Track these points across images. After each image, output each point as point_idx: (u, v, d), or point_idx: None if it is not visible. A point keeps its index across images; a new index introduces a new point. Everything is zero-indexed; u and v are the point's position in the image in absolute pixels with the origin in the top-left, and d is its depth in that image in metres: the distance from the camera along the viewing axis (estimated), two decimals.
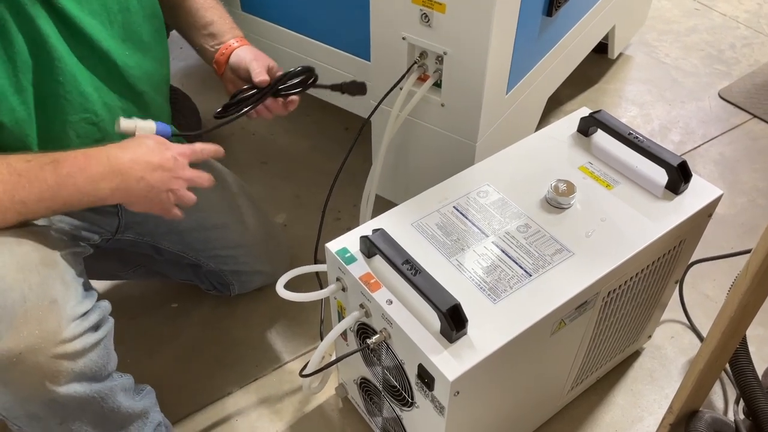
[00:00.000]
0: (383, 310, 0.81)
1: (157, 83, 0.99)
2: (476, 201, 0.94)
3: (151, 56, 0.96)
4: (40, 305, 0.75)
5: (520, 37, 1.14)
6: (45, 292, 0.76)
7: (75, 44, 0.83)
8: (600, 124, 1.02)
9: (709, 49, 2.07)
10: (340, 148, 1.66)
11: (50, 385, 0.77)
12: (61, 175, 0.77)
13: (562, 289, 0.83)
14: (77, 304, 0.80)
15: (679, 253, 1.01)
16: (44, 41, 0.80)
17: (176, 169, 0.85)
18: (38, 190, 0.76)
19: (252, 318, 1.32)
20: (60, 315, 0.77)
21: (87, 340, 0.79)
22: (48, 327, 0.75)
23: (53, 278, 0.78)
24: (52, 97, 0.84)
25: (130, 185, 0.81)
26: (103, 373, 0.84)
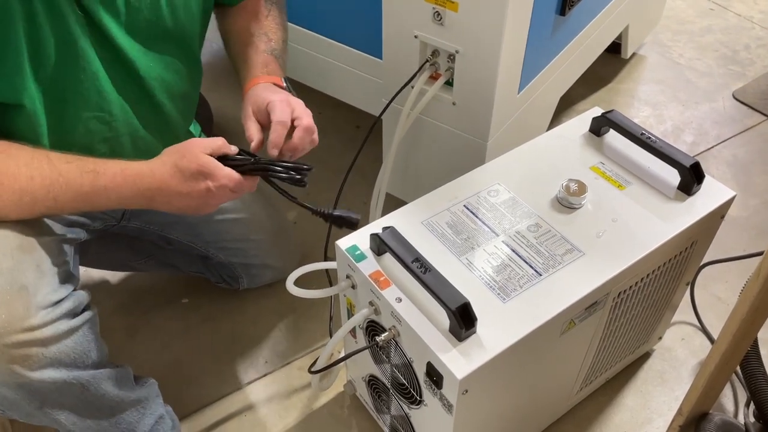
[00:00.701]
0: (392, 307, 0.81)
1: (179, 95, 0.98)
2: (487, 200, 0.94)
3: (176, 71, 0.96)
4: (8, 290, 0.76)
5: (532, 36, 1.13)
6: (15, 277, 0.77)
7: (100, 46, 0.85)
8: (612, 124, 1.01)
9: (723, 49, 2.05)
10: (351, 145, 1.66)
11: (20, 369, 0.77)
12: (98, 186, 0.80)
13: (573, 289, 0.83)
14: (50, 292, 0.80)
15: (690, 254, 1.01)
16: (72, 39, 0.81)
17: (209, 198, 0.83)
18: (73, 193, 0.79)
19: (261, 314, 1.32)
20: (29, 302, 0.77)
21: (60, 327, 0.79)
22: (15, 312, 0.75)
23: (27, 264, 0.79)
24: (70, 91, 0.84)
25: (157, 205, 0.84)
26: (84, 360, 0.84)
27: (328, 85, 1.47)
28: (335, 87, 1.45)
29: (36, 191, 0.77)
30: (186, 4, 0.93)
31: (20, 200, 0.77)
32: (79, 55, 0.82)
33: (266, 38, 1.03)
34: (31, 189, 0.77)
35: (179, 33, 0.94)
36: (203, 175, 0.81)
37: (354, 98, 1.44)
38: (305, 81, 1.51)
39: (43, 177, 0.77)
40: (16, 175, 0.76)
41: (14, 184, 0.76)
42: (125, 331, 1.30)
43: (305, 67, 1.46)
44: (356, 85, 1.38)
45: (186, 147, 0.83)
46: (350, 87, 1.41)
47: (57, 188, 0.78)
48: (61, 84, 0.83)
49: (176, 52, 0.95)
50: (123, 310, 1.33)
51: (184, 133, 1.08)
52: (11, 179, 0.76)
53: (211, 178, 0.82)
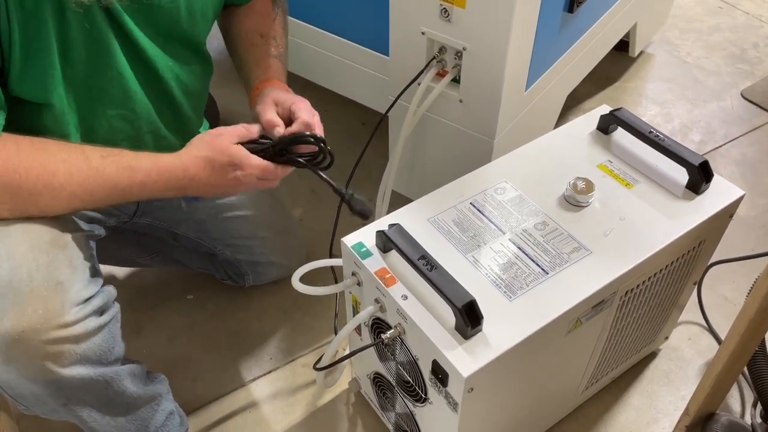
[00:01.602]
0: (398, 305, 0.81)
1: (194, 94, 1.00)
2: (493, 198, 0.94)
3: (190, 71, 0.97)
4: (46, 285, 0.76)
5: (540, 33, 1.13)
6: (52, 273, 0.77)
7: (124, 46, 0.86)
8: (620, 121, 1.01)
9: (732, 48, 2.04)
10: (357, 143, 1.65)
11: (53, 366, 0.77)
12: (135, 182, 0.82)
13: (579, 287, 0.82)
14: (82, 288, 0.80)
15: (698, 253, 1.00)
16: (100, 37, 0.82)
17: (238, 185, 0.88)
18: (109, 188, 0.81)
19: (267, 311, 1.32)
20: (64, 297, 0.77)
21: (90, 324, 0.80)
22: (52, 308, 0.76)
23: (61, 260, 0.79)
24: (97, 89, 0.85)
25: (189, 193, 0.88)
26: (108, 357, 0.84)
27: (334, 82, 1.47)
28: (341, 84, 1.45)
29: (74, 187, 0.78)
30: (204, 9, 0.94)
31: (59, 196, 0.78)
32: (106, 52, 0.83)
33: (275, 43, 1.04)
34: (69, 185, 0.78)
35: (194, 35, 0.95)
36: (233, 166, 0.86)
37: (360, 95, 1.43)
38: (311, 77, 1.50)
39: (81, 173, 0.78)
40: (54, 171, 0.77)
41: (53, 180, 0.77)
42: (131, 326, 1.30)
43: (311, 63, 1.46)
44: (362, 82, 1.38)
45: (216, 140, 0.86)
46: (356, 84, 1.41)
47: (94, 184, 0.79)
48: (88, 82, 0.84)
49: (191, 53, 0.96)
50: (129, 305, 1.33)
51: (198, 130, 1.08)
52: (50, 176, 0.77)
53: (240, 167, 0.86)
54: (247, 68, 1.02)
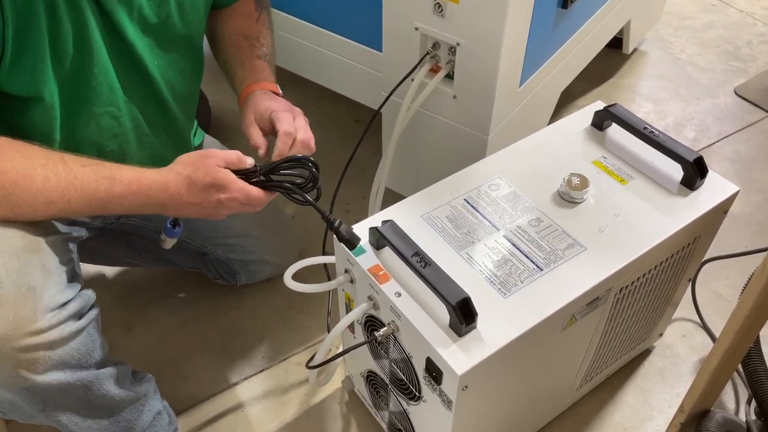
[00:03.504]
0: (392, 302, 0.80)
1: (182, 96, 0.99)
2: (487, 194, 0.93)
3: (181, 71, 0.96)
4: (16, 291, 0.74)
5: (534, 28, 1.12)
6: (23, 278, 0.75)
7: (112, 41, 0.84)
8: (615, 117, 1.00)
9: (725, 45, 2.04)
10: (350, 139, 1.65)
11: (26, 373, 0.76)
12: (114, 194, 0.80)
13: (574, 284, 0.82)
14: (57, 293, 0.78)
15: (693, 250, 1.00)
16: (87, 32, 0.81)
17: (219, 208, 0.85)
18: (87, 197, 0.78)
19: (259, 309, 1.31)
20: (36, 303, 0.75)
21: (66, 329, 0.78)
22: (22, 314, 0.74)
23: (34, 264, 0.77)
24: (84, 85, 0.84)
25: (168, 213, 0.86)
26: (88, 361, 0.83)
27: (327, 78, 1.46)
28: (334, 80, 1.44)
29: (51, 193, 0.76)
30: (194, 5, 0.93)
31: (34, 201, 0.76)
32: (93, 48, 0.82)
33: (258, 43, 1.03)
34: (46, 190, 0.76)
35: (186, 33, 0.94)
36: (216, 188, 0.83)
37: (353, 91, 1.42)
38: (304, 74, 1.49)
39: (59, 179, 0.76)
40: (32, 175, 0.75)
41: (30, 184, 0.75)
42: (122, 325, 1.28)
43: (304, 59, 1.44)
44: (355, 78, 1.37)
45: (202, 160, 0.84)
46: (349, 80, 1.40)
47: (72, 191, 0.77)
48: (76, 78, 0.82)
49: (183, 52, 0.95)
50: (119, 304, 1.32)
51: (188, 132, 1.07)
52: (27, 180, 0.75)
53: (223, 190, 0.84)
54: (232, 71, 1.01)
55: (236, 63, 1.01)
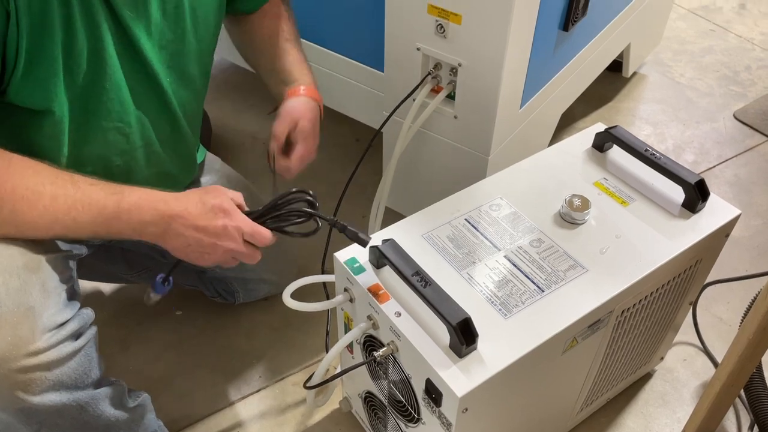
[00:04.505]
0: (391, 322, 0.79)
1: (191, 113, 1.00)
2: (488, 214, 0.93)
3: (191, 88, 0.97)
4: (15, 311, 0.73)
5: (535, 50, 1.13)
6: (22, 297, 0.74)
7: (126, 57, 0.84)
8: (616, 139, 1.00)
9: (724, 70, 2.05)
10: (350, 158, 1.65)
11: (23, 394, 0.74)
12: (122, 209, 0.78)
13: (575, 306, 0.81)
14: (56, 313, 0.77)
15: (694, 273, 0.99)
16: (102, 48, 0.81)
17: (222, 237, 0.83)
18: (94, 215, 0.77)
19: (257, 328, 1.30)
20: (35, 323, 0.74)
21: (64, 349, 0.77)
22: (21, 334, 0.73)
23: (34, 283, 0.76)
24: (95, 100, 0.84)
25: (169, 237, 0.82)
26: (84, 381, 0.81)
27: (328, 97, 1.46)
28: (335, 99, 1.44)
29: (58, 211, 0.75)
30: (206, 20, 0.94)
31: (40, 219, 0.75)
32: (107, 63, 0.82)
33: (299, 45, 1.08)
34: (53, 208, 0.75)
35: (199, 50, 0.95)
36: (223, 212, 0.82)
37: (354, 111, 1.43)
38: None
39: (67, 196, 0.76)
40: (41, 192, 0.74)
41: (38, 201, 0.74)
42: (118, 343, 1.27)
43: None
44: (357, 97, 1.37)
45: (211, 187, 0.86)
46: (351, 99, 1.40)
47: (79, 209, 0.76)
48: (88, 92, 0.82)
49: (195, 69, 0.96)
50: (116, 321, 1.31)
51: (194, 149, 1.07)
52: (36, 196, 0.74)
53: (229, 217, 0.83)
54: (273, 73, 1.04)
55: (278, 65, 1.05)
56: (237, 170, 1.22)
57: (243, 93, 1.86)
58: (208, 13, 0.94)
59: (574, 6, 1.17)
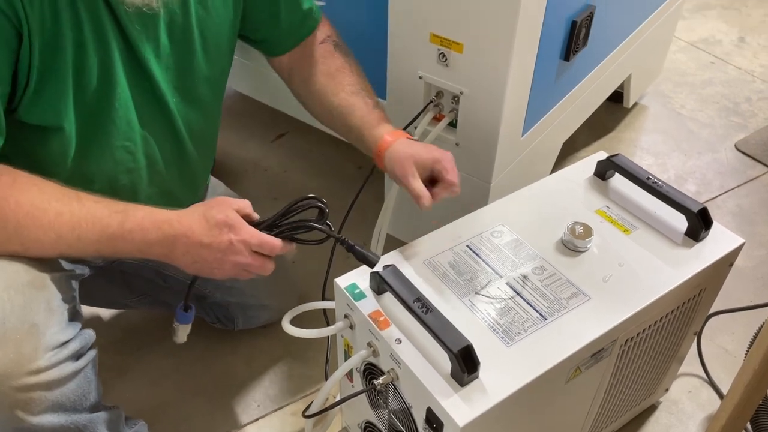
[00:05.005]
0: (392, 349, 0.78)
1: (199, 135, 0.99)
2: (490, 241, 0.92)
3: (200, 110, 0.97)
4: (19, 328, 0.72)
5: (537, 79, 1.13)
6: (27, 315, 0.74)
7: (134, 76, 0.85)
8: (618, 167, 1.00)
9: (724, 101, 2.07)
10: (352, 186, 1.64)
11: (22, 414, 0.73)
12: (125, 228, 0.78)
13: (578, 334, 0.80)
14: (59, 332, 0.77)
15: (699, 302, 0.98)
16: (112, 67, 0.81)
17: (228, 252, 0.81)
18: (98, 233, 0.77)
19: (255, 355, 1.28)
20: (38, 341, 0.74)
21: (65, 369, 0.76)
22: (24, 352, 0.72)
23: (39, 301, 0.76)
24: (103, 119, 0.84)
25: (176, 255, 0.82)
26: (83, 403, 0.80)
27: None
28: None
29: (62, 228, 0.75)
30: (217, 46, 0.95)
31: (45, 236, 0.75)
32: (116, 82, 0.83)
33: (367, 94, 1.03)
34: (57, 225, 0.75)
35: (209, 73, 0.95)
36: (228, 227, 0.81)
37: None
38: (306, 119, 1.50)
39: (72, 214, 0.76)
40: (45, 209, 0.74)
41: (43, 217, 0.74)
42: (115, 369, 1.26)
43: None
44: None
45: (215, 200, 0.84)
46: None
47: (83, 226, 0.76)
48: (96, 111, 0.83)
49: (204, 91, 0.96)
50: (114, 347, 1.29)
51: (202, 171, 1.07)
52: (41, 213, 0.74)
53: (234, 231, 0.81)
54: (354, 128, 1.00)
55: (356, 117, 1.00)
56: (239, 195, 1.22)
57: (246, 121, 1.87)
58: (220, 39, 0.95)
59: (575, 36, 1.18)
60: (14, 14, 0.70)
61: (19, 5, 0.70)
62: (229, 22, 0.96)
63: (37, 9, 0.71)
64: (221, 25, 0.95)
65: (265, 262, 0.84)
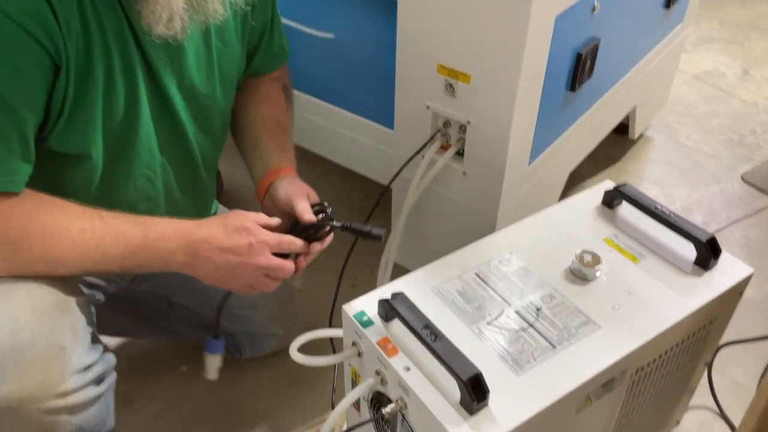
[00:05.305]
0: (400, 377, 0.77)
1: (210, 163, 1.02)
2: (498, 269, 0.92)
3: (213, 140, 0.99)
4: (47, 351, 0.73)
5: (543, 109, 1.14)
6: (55, 337, 0.74)
7: (156, 106, 0.87)
8: (625, 196, 1.01)
9: (729, 133, 2.08)
10: (359, 216, 1.65)
11: None
12: (148, 238, 0.80)
13: (589, 363, 0.79)
14: (83, 355, 0.78)
15: (709, 332, 0.97)
16: (137, 96, 0.83)
17: (250, 254, 0.84)
18: (121, 246, 0.79)
19: (261, 385, 1.27)
20: (65, 364, 0.74)
21: (88, 393, 0.77)
22: (52, 375, 0.73)
23: (65, 324, 0.77)
24: (128, 147, 0.86)
25: (197, 263, 0.83)
26: (101, 429, 0.80)
27: (337, 154, 1.48)
28: (345, 156, 1.46)
29: (86, 244, 0.77)
30: (230, 78, 0.97)
31: (70, 252, 0.76)
32: (141, 111, 0.85)
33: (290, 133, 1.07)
34: (81, 242, 0.76)
35: (225, 106, 0.98)
36: (246, 231, 0.84)
37: (364, 167, 1.44)
38: (315, 149, 1.52)
39: (95, 230, 0.77)
40: (68, 227, 0.76)
41: (66, 236, 0.76)
42: (121, 398, 1.22)
43: (315, 135, 1.47)
44: (366, 154, 1.39)
45: (232, 212, 0.87)
46: (360, 156, 1.42)
47: (107, 241, 0.78)
48: (122, 139, 0.85)
49: (218, 123, 0.98)
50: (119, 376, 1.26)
51: (212, 200, 1.09)
52: (64, 231, 0.76)
53: (253, 234, 0.84)
54: (265, 151, 1.02)
55: (272, 144, 1.03)
56: None
57: None
58: (232, 72, 0.97)
59: (581, 68, 1.19)
60: (54, 48, 0.72)
61: (59, 39, 0.72)
62: (240, 55, 0.98)
63: (73, 41, 0.73)
64: (235, 59, 0.97)
65: (287, 263, 0.87)
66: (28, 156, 0.75)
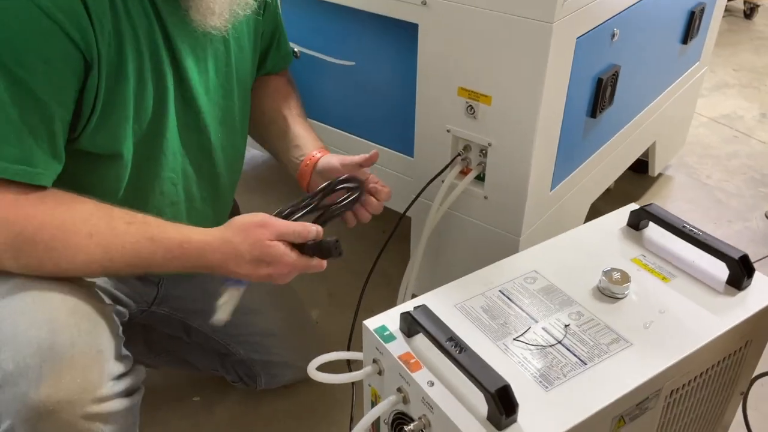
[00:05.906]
0: (424, 392, 0.74)
1: (232, 171, 1.02)
2: (523, 286, 0.89)
3: (236, 147, 1.00)
4: (87, 352, 0.72)
5: (564, 133, 1.14)
6: (95, 339, 0.73)
7: (183, 109, 0.88)
8: (652, 216, 0.98)
9: (751, 173, 2.05)
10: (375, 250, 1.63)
11: None
12: (156, 257, 0.79)
13: (621, 380, 0.76)
14: (117, 362, 0.76)
15: (744, 356, 0.93)
16: (165, 97, 0.84)
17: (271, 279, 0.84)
18: (129, 257, 0.77)
19: (277, 416, 1.23)
20: (103, 367, 0.73)
21: (120, 403, 0.75)
22: (90, 378, 0.71)
23: (103, 327, 0.76)
24: (156, 149, 0.86)
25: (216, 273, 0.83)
26: None
27: None
28: None
29: (93, 250, 0.75)
30: (245, 82, 0.99)
31: (75, 257, 0.75)
32: (168, 113, 0.85)
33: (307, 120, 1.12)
34: (87, 247, 0.75)
35: (241, 109, 0.98)
36: (265, 263, 0.81)
37: None
38: None
39: (102, 236, 0.75)
40: (73, 231, 0.75)
41: (70, 239, 0.74)
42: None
43: None
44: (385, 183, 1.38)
45: (253, 229, 0.82)
46: None
47: (114, 250, 0.76)
48: (150, 140, 0.85)
49: (237, 128, 0.99)
50: None
51: (228, 210, 1.08)
52: (68, 234, 0.74)
53: (273, 265, 0.82)
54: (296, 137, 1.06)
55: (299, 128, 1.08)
56: None
57: (272, 186, 1.89)
58: (246, 75, 0.99)
59: (601, 94, 1.19)
60: (86, 44, 0.72)
61: (91, 36, 0.72)
62: (253, 61, 1.00)
63: (105, 39, 0.74)
64: (249, 64, 0.99)
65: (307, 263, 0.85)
66: (55, 152, 0.75)
